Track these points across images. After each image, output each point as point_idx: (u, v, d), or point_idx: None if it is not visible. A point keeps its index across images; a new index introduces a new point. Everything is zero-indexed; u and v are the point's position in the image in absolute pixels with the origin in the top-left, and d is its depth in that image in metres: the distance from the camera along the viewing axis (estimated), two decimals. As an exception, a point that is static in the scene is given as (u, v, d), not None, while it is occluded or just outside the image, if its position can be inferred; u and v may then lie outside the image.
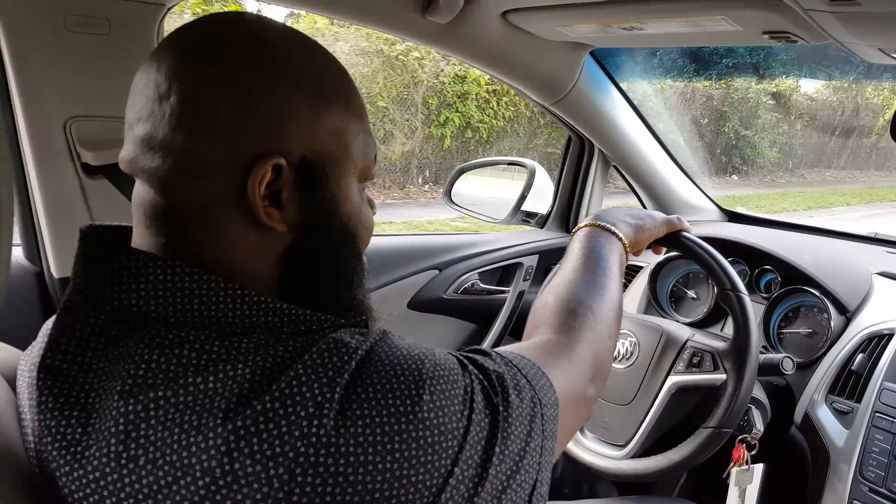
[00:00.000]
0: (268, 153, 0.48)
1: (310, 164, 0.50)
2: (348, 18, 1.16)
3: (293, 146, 0.49)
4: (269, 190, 0.49)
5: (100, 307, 0.47)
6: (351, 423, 0.42)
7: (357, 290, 0.56)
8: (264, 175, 0.48)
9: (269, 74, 0.48)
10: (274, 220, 0.49)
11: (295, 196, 0.50)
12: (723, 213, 1.75)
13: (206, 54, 0.48)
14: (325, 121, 0.51)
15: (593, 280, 0.73)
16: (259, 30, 0.51)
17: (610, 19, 1.08)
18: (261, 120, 0.48)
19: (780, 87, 9.58)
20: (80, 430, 0.44)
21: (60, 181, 1.01)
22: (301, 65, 0.50)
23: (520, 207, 1.57)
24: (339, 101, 0.52)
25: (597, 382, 0.65)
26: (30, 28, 0.92)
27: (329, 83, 0.52)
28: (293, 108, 0.49)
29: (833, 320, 1.19)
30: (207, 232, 0.49)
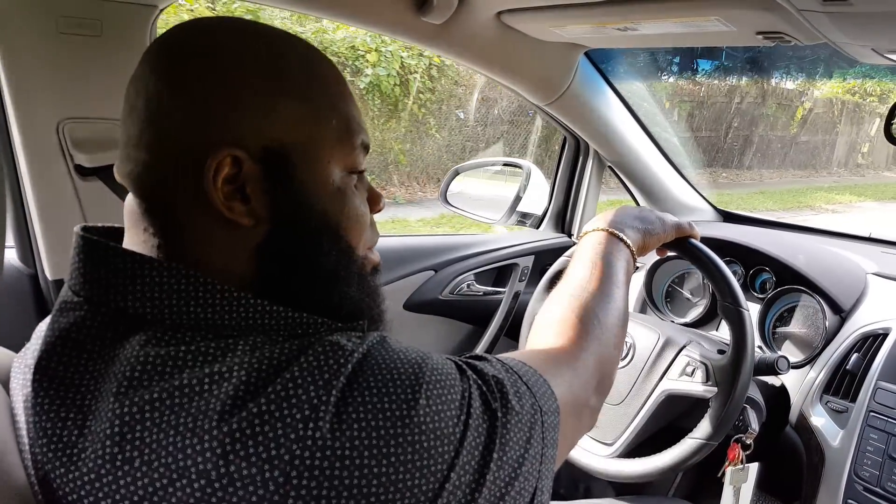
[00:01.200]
0: (220, 145, 0.48)
1: (273, 154, 0.49)
2: (342, 19, 1.16)
3: (250, 137, 0.49)
4: (232, 185, 0.48)
5: (95, 309, 0.47)
6: (347, 426, 0.42)
7: (346, 286, 0.54)
8: (219, 168, 0.47)
9: (216, 67, 0.49)
10: (237, 214, 0.49)
11: (262, 188, 0.49)
12: (718, 213, 1.75)
13: (162, 59, 0.50)
14: (284, 109, 0.50)
15: (600, 288, 0.72)
16: (213, 28, 0.52)
17: (604, 20, 1.08)
18: (210, 113, 0.48)
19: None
20: (76, 433, 0.44)
21: (54, 183, 1.00)
22: (253, 55, 0.50)
23: (515, 208, 1.58)
24: (301, 88, 0.51)
25: (600, 392, 0.64)
26: (22, 30, 0.92)
27: (287, 70, 0.51)
28: (244, 98, 0.49)
29: (828, 320, 1.19)
30: (181, 231, 0.50)
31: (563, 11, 1.08)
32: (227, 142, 0.48)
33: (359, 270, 0.56)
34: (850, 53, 1.05)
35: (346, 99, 0.55)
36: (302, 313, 0.50)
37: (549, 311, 0.70)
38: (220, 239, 0.49)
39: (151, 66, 0.50)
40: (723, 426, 0.94)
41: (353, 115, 0.55)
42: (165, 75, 0.49)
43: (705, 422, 0.95)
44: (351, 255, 0.55)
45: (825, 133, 10.24)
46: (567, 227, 1.74)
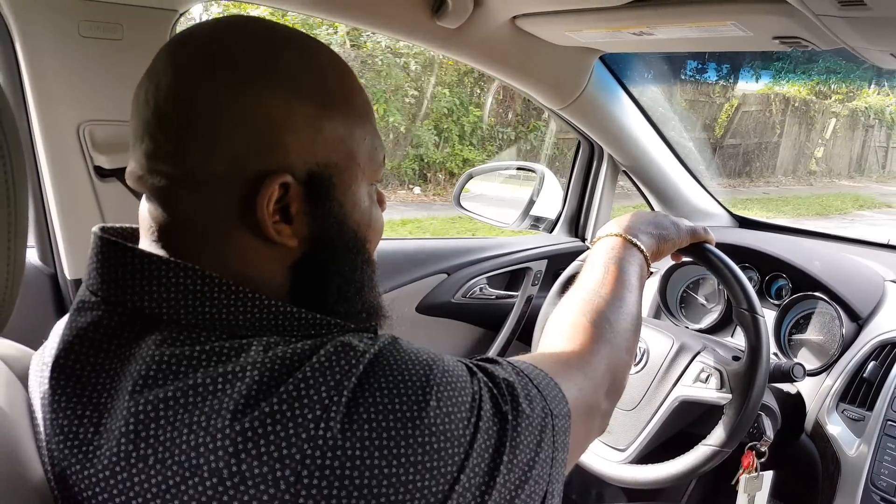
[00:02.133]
0: (272, 171, 0.48)
1: (317, 176, 0.50)
2: (358, 22, 1.17)
3: (297, 160, 0.49)
4: (277, 205, 0.49)
5: (112, 308, 0.48)
6: (357, 426, 0.42)
7: (368, 293, 0.56)
8: (272, 194, 0.48)
9: (267, 85, 0.48)
10: (284, 236, 0.50)
11: (304, 209, 0.50)
12: (733, 219, 1.74)
13: (201, 67, 0.48)
14: (329, 130, 0.50)
15: (613, 293, 0.72)
16: (256, 36, 0.50)
17: (619, 24, 1.07)
18: (261, 134, 0.47)
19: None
20: (92, 430, 0.44)
21: (73, 184, 1.02)
22: (300, 72, 0.50)
23: (529, 212, 1.58)
24: (342, 108, 0.51)
25: (612, 396, 0.64)
26: (44, 33, 0.93)
27: (330, 89, 0.51)
28: (294, 119, 0.48)
29: (845, 327, 1.18)
30: (215, 247, 0.49)
31: (578, 16, 1.08)
32: (280, 168, 0.48)
33: (374, 275, 0.58)
34: (869, 58, 1.04)
35: (371, 113, 0.56)
36: (315, 314, 0.50)
37: (561, 314, 0.70)
38: (258, 256, 0.50)
39: (190, 74, 0.48)
40: (737, 434, 0.93)
41: (377, 131, 0.56)
42: (209, 88, 0.47)
43: (719, 429, 0.94)
44: (370, 264, 0.57)
45: (761, 136, 9.29)
46: (581, 232, 1.73)
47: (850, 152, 10.58)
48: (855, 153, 10.65)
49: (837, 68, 8.76)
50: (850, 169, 10.58)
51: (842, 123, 10.28)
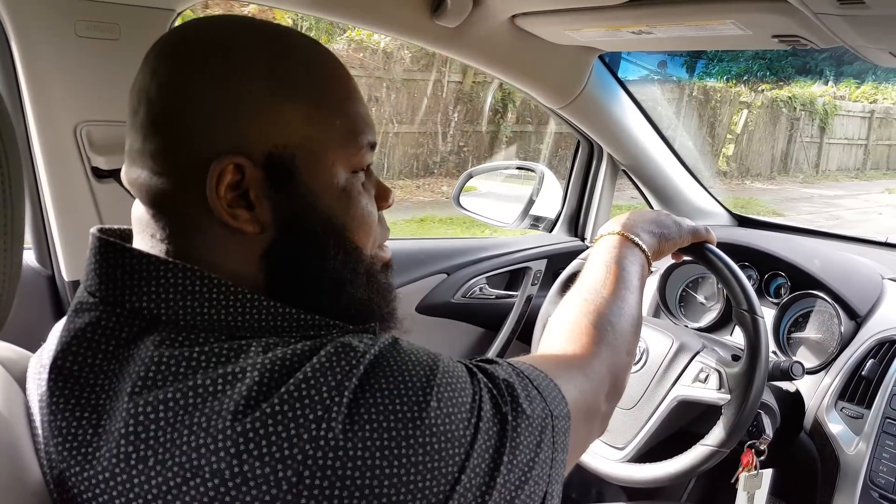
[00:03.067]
0: (224, 153, 0.47)
1: (277, 159, 0.49)
2: (357, 22, 1.17)
3: (254, 143, 0.48)
4: (236, 191, 0.48)
5: (111, 310, 0.48)
6: (359, 427, 0.42)
7: (352, 288, 0.54)
8: (222, 176, 0.47)
9: (218, 72, 0.48)
10: (241, 221, 0.49)
11: (265, 194, 0.49)
12: (733, 218, 1.74)
13: (163, 63, 0.50)
14: (288, 111, 0.49)
15: (614, 293, 0.71)
16: (215, 29, 0.51)
17: (618, 23, 1.07)
18: (213, 119, 0.48)
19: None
20: (91, 432, 0.44)
21: (71, 185, 1.01)
22: (256, 56, 0.49)
23: (528, 211, 1.58)
24: (306, 90, 0.51)
25: (612, 398, 0.64)
26: (41, 33, 0.93)
27: (293, 72, 0.50)
28: (248, 102, 0.48)
29: (843, 325, 1.18)
30: (190, 237, 0.50)
31: (577, 15, 1.08)
32: (230, 149, 0.48)
33: (367, 270, 0.56)
34: (867, 56, 1.04)
35: (351, 97, 0.54)
36: (314, 315, 0.50)
37: (562, 314, 0.70)
38: (228, 245, 0.50)
39: (152, 71, 0.50)
40: (735, 434, 0.93)
41: (360, 114, 0.54)
42: (167, 81, 0.49)
43: (717, 429, 0.94)
44: (359, 257, 0.55)
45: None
46: (580, 231, 1.73)
47: (771, 149, 9.78)
48: (779, 150, 9.82)
49: (765, 54, 8.16)
50: (771, 169, 9.90)
51: (758, 116, 9.38)
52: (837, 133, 10.86)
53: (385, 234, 0.60)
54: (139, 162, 0.50)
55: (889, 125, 11.78)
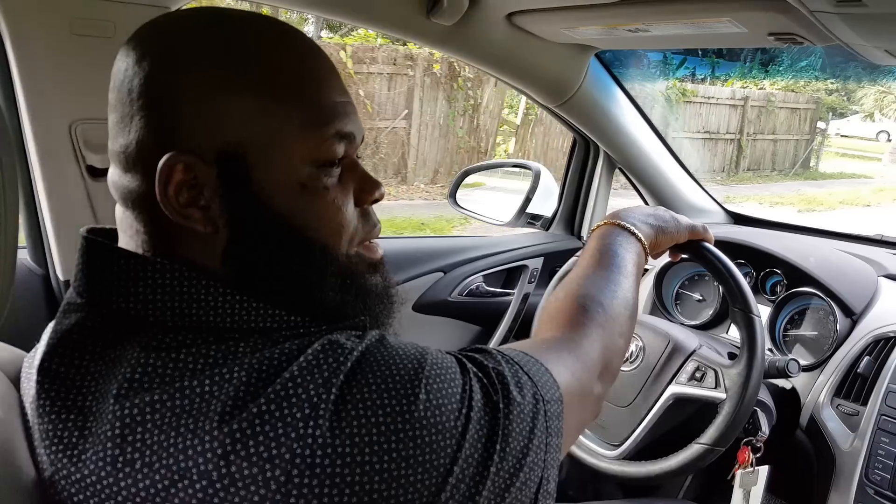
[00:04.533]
0: (173, 151, 0.47)
1: (229, 156, 0.47)
2: (353, 20, 1.16)
3: (202, 140, 0.47)
4: (192, 190, 0.47)
5: (97, 310, 0.48)
6: (346, 423, 0.42)
7: (321, 291, 0.51)
8: (172, 175, 0.47)
9: (165, 69, 0.47)
10: (193, 221, 0.48)
11: (218, 192, 0.48)
12: (728, 216, 1.74)
13: (123, 61, 0.49)
14: (236, 107, 0.47)
15: (606, 276, 0.71)
16: (170, 22, 0.51)
17: (615, 21, 1.07)
18: (162, 118, 0.47)
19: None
20: (77, 434, 0.44)
21: (65, 184, 1.01)
22: (203, 47, 0.48)
23: (525, 210, 1.58)
24: (257, 81, 0.48)
25: (605, 379, 0.63)
26: (35, 31, 0.92)
27: (240, 63, 0.48)
28: (193, 99, 0.47)
29: (839, 323, 1.18)
30: (162, 236, 0.49)
31: (573, 13, 1.08)
32: (180, 147, 0.47)
33: (342, 272, 0.53)
34: (864, 55, 1.05)
35: (316, 85, 0.50)
36: (303, 317, 0.50)
37: (554, 299, 0.70)
38: (194, 243, 0.49)
39: (117, 71, 0.49)
40: (730, 433, 0.93)
41: (326, 103, 0.50)
42: (125, 79, 0.48)
43: (713, 427, 0.94)
44: (328, 257, 0.52)
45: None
46: (577, 229, 1.73)
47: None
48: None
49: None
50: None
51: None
52: (692, 125, 9.62)
53: (370, 231, 0.56)
54: (113, 160, 0.50)
55: (772, 115, 10.59)
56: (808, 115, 11.49)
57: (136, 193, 0.49)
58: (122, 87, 0.48)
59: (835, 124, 17.71)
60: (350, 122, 0.52)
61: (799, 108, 11.35)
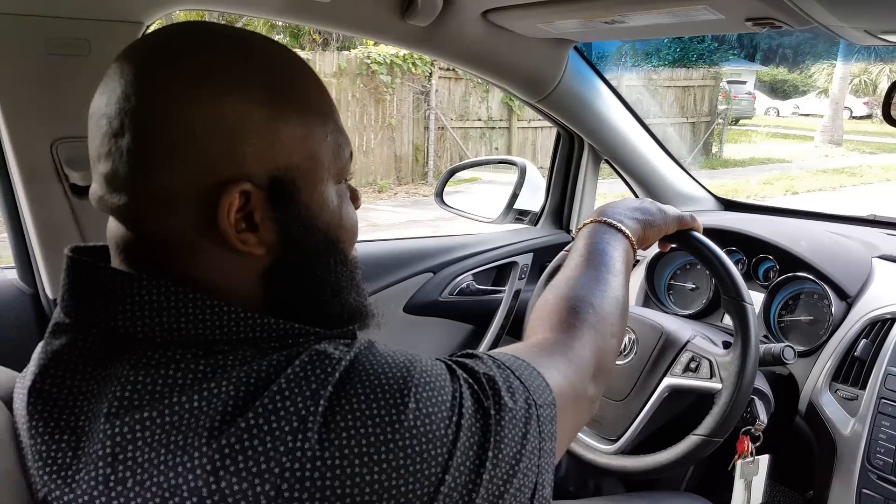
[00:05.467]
0: (230, 180, 0.46)
1: (278, 180, 0.49)
2: (327, 25, 1.16)
3: (256, 166, 0.48)
4: (240, 215, 0.47)
5: (86, 330, 0.47)
6: (335, 435, 0.42)
7: (347, 294, 0.55)
8: (231, 203, 0.46)
9: (214, 93, 0.46)
10: (250, 245, 0.48)
11: (269, 216, 0.49)
12: (718, 202, 1.73)
13: (146, 82, 0.46)
14: (286, 132, 0.49)
15: (595, 276, 0.71)
16: (203, 42, 0.49)
17: (591, 14, 1.07)
18: (215, 144, 0.46)
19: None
20: (70, 454, 0.44)
21: (50, 202, 1.01)
22: (250, 76, 0.48)
23: (512, 206, 1.57)
24: (297, 108, 0.50)
25: (599, 381, 0.63)
26: (10, 52, 0.92)
27: (284, 90, 0.49)
28: (247, 126, 0.47)
29: (834, 306, 1.18)
30: (183, 262, 0.49)
31: (549, 7, 1.07)
32: (235, 177, 0.47)
33: (353, 275, 0.56)
34: (844, 36, 1.04)
35: (333, 109, 0.54)
36: (292, 323, 0.49)
37: (543, 301, 0.70)
38: (227, 268, 0.49)
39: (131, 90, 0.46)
40: (727, 423, 0.92)
41: (341, 126, 0.54)
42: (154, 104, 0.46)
43: (709, 418, 0.93)
44: (347, 264, 0.55)
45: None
46: (565, 223, 1.73)
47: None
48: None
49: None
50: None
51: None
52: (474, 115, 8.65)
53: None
54: (124, 190, 0.47)
55: (657, 94, 9.70)
56: (706, 94, 10.35)
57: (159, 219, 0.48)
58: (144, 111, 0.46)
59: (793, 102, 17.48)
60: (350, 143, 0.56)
61: (693, 85, 10.27)
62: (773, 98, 19.11)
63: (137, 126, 0.46)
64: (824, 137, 13.51)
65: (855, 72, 16.78)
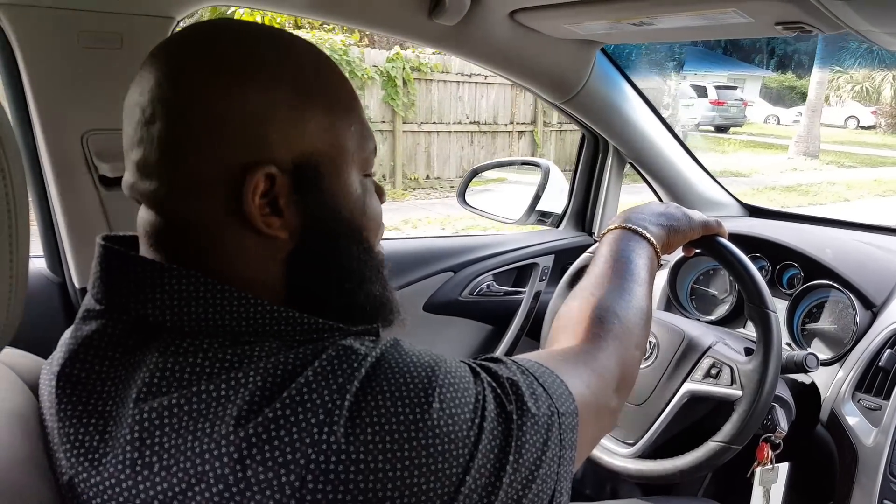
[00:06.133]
0: (255, 163, 0.48)
1: (304, 166, 0.50)
2: (355, 23, 1.17)
3: (281, 152, 0.49)
4: (265, 199, 0.49)
5: (116, 317, 0.48)
6: (361, 430, 0.42)
7: (371, 285, 0.56)
8: (257, 186, 0.48)
9: (243, 82, 0.48)
10: (275, 229, 0.50)
11: (293, 200, 0.50)
12: (743, 208, 1.71)
13: (180, 72, 0.49)
14: (311, 120, 0.51)
15: (620, 286, 0.71)
16: (234, 35, 0.51)
17: (619, 15, 1.06)
18: (242, 130, 0.48)
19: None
20: (98, 438, 0.45)
21: (79, 193, 1.03)
22: (277, 66, 0.50)
23: (534, 207, 1.57)
24: (323, 98, 0.52)
25: (622, 392, 0.63)
26: (44, 45, 0.94)
27: (311, 80, 0.52)
28: (274, 112, 0.49)
29: (859, 315, 1.16)
30: (210, 247, 0.50)
31: (577, 8, 1.07)
32: (261, 160, 0.48)
33: (378, 267, 0.57)
34: (875, 41, 1.02)
35: (358, 103, 0.56)
36: (318, 318, 0.50)
37: (568, 309, 0.70)
38: (251, 252, 0.50)
39: (165, 80, 0.48)
40: (746, 431, 0.92)
41: (365, 120, 0.56)
42: (186, 92, 0.48)
43: (729, 425, 0.93)
44: (371, 254, 0.57)
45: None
46: (588, 226, 1.72)
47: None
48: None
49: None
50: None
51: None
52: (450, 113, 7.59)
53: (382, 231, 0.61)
54: (154, 176, 0.49)
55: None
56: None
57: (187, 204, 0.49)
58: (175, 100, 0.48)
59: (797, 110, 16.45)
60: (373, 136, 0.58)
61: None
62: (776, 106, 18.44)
63: (168, 112, 0.48)
64: (798, 149, 12.44)
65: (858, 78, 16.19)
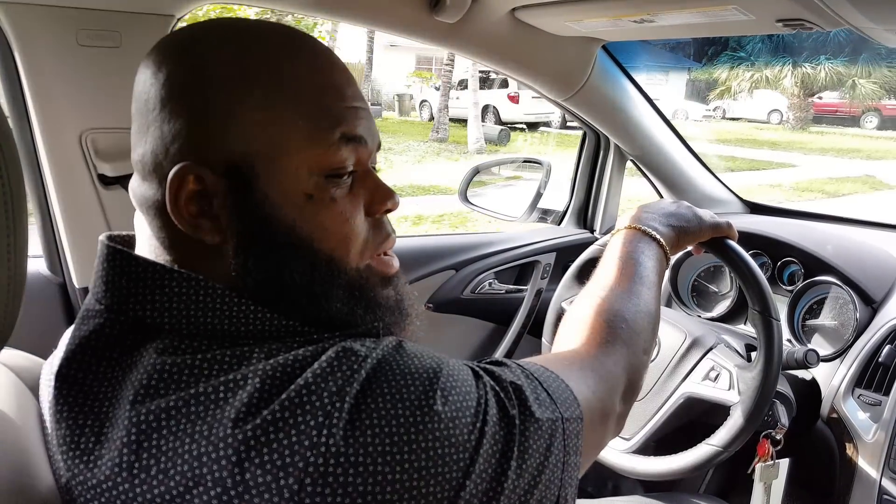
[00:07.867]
0: (184, 163, 0.47)
1: (237, 167, 0.48)
2: (356, 21, 1.16)
3: (212, 152, 0.48)
4: (201, 202, 0.48)
5: (115, 317, 0.48)
6: (360, 432, 0.41)
7: (327, 302, 0.51)
8: (182, 186, 0.47)
9: (179, 81, 0.48)
10: (203, 232, 0.48)
11: (227, 204, 0.48)
12: (744, 205, 1.72)
13: (143, 72, 0.51)
14: (245, 116, 0.48)
15: (629, 289, 0.69)
16: (183, 33, 0.52)
17: (620, 12, 1.06)
18: (173, 129, 0.48)
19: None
20: (94, 439, 0.44)
21: (78, 192, 1.02)
22: (214, 61, 0.49)
23: (536, 205, 1.57)
24: (263, 90, 0.48)
25: (628, 398, 0.62)
26: (43, 43, 0.93)
27: (249, 74, 0.48)
28: (203, 108, 0.48)
29: (859, 311, 1.16)
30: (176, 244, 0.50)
31: (578, 5, 1.07)
32: (188, 159, 0.48)
33: (350, 284, 0.52)
34: (875, 38, 1.02)
35: (322, 91, 0.50)
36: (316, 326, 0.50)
37: (576, 312, 0.69)
38: (206, 254, 0.50)
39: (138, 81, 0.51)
40: (740, 437, 0.92)
41: (332, 108, 0.50)
42: (144, 90, 0.50)
43: (723, 430, 0.93)
44: (334, 270, 0.51)
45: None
46: (589, 223, 1.72)
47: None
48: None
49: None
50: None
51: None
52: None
53: (382, 242, 0.55)
54: (135, 168, 0.51)
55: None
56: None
57: (152, 201, 0.50)
58: (140, 98, 0.50)
59: (723, 104, 15.91)
60: (359, 125, 0.51)
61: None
62: (691, 100, 17.04)
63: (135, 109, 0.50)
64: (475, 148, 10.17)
65: (759, 66, 15.33)
